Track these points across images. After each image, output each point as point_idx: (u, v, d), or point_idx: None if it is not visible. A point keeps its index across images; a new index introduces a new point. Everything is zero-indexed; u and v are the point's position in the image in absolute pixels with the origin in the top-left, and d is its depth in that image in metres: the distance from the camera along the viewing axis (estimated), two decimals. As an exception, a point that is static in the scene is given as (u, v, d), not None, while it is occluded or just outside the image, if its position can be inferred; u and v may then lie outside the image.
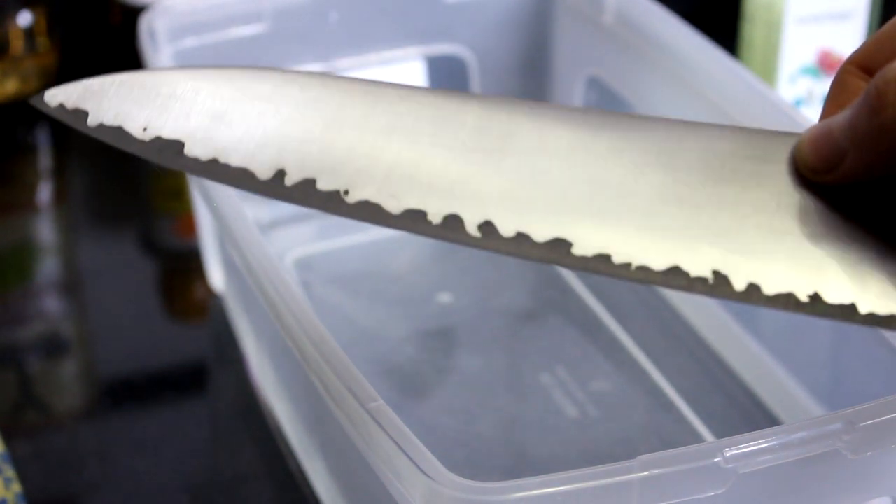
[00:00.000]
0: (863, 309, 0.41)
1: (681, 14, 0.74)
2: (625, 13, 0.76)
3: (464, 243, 0.42)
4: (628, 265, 0.41)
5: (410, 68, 0.81)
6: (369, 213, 0.43)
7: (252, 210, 0.76)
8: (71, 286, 0.83)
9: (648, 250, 0.42)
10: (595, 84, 0.80)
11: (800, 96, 0.85)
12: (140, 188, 0.91)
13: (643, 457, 0.45)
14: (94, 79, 0.46)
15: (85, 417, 0.73)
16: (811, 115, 0.84)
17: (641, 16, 0.75)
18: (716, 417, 0.67)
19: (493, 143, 0.44)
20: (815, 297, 0.41)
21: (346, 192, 0.43)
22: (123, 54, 0.94)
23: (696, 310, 0.74)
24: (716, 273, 0.41)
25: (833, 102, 0.44)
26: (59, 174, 0.92)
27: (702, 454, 0.46)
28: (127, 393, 0.73)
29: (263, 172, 0.44)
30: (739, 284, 0.41)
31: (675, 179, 0.43)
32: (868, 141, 0.40)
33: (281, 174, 0.43)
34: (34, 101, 0.46)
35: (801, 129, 0.64)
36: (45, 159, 0.94)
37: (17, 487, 0.63)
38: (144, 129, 0.45)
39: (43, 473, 0.67)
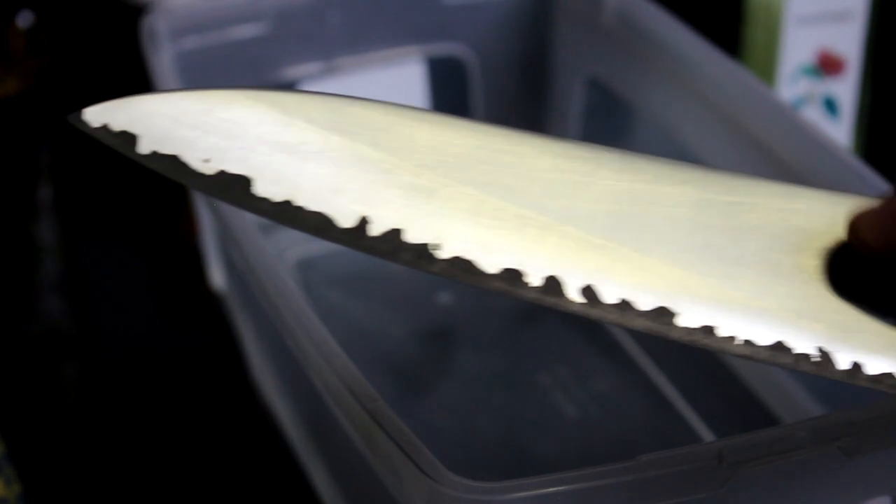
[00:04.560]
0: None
1: (681, 14, 0.74)
2: (625, 13, 0.76)
3: (562, 307, 0.39)
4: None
5: (410, 68, 0.81)
6: (462, 270, 0.39)
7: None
8: (71, 286, 0.83)
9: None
10: (595, 84, 0.80)
11: (800, 97, 0.85)
12: (140, 188, 0.91)
13: (643, 457, 0.45)
14: (142, 96, 0.40)
15: (85, 417, 0.73)
16: (810, 115, 0.84)
17: (641, 16, 0.75)
18: (716, 417, 0.67)
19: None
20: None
21: (437, 247, 0.39)
22: (123, 55, 0.94)
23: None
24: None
25: None
26: (59, 174, 0.92)
27: (702, 454, 0.46)
28: (127, 393, 0.73)
29: (344, 219, 0.39)
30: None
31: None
32: None
33: (364, 222, 0.39)
34: (72, 120, 0.40)
35: (799, 130, 0.65)
36: (45, 159, 0.94)
37: (17, 487, 0.63)
38: (206, 161, 0.39)
39: (43, 473, 0.67)
